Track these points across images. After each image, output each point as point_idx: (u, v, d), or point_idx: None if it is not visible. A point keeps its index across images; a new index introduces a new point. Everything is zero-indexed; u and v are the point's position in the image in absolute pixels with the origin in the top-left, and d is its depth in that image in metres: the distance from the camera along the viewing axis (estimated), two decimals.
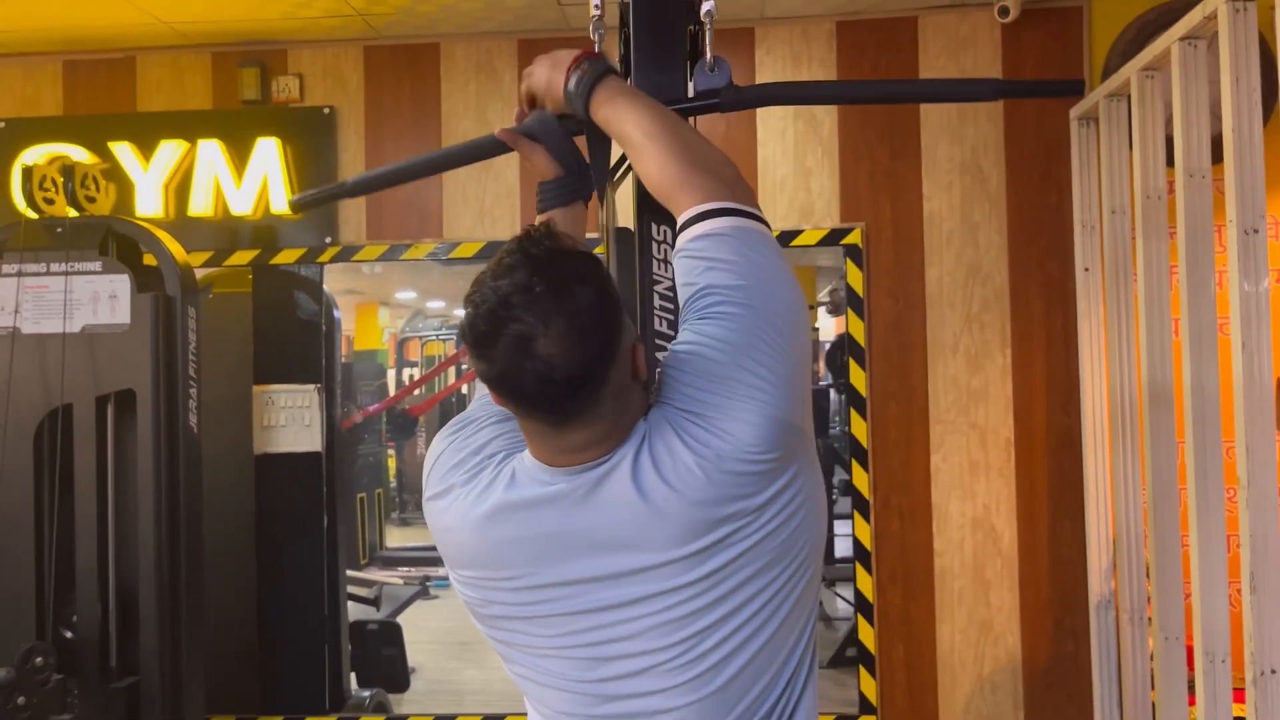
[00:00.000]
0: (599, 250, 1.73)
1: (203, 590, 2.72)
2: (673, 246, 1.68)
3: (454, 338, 3.87)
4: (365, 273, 3.20)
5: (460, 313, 3.52)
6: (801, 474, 1.15)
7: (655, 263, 1.63)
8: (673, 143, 1.26)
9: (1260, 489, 1.97)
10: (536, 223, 1.47)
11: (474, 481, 1.19)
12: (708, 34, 1.54)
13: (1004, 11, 2.92)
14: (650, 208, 1.63)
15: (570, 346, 1.04)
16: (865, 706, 2.99)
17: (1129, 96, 2.56)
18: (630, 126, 1.29)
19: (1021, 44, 3.02)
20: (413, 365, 3.48)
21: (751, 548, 1.11)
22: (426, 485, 1.25)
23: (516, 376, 1.06)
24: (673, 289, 1.63)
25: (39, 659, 2.34)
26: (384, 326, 3.26)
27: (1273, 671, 1.95)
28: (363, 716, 3.11)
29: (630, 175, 1.87)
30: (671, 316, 1.62)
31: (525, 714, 3.09)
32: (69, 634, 2.59)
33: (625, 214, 1.89)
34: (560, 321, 1.04)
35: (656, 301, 1.63)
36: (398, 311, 3.26)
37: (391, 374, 3.28)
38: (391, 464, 3.30)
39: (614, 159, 1.85)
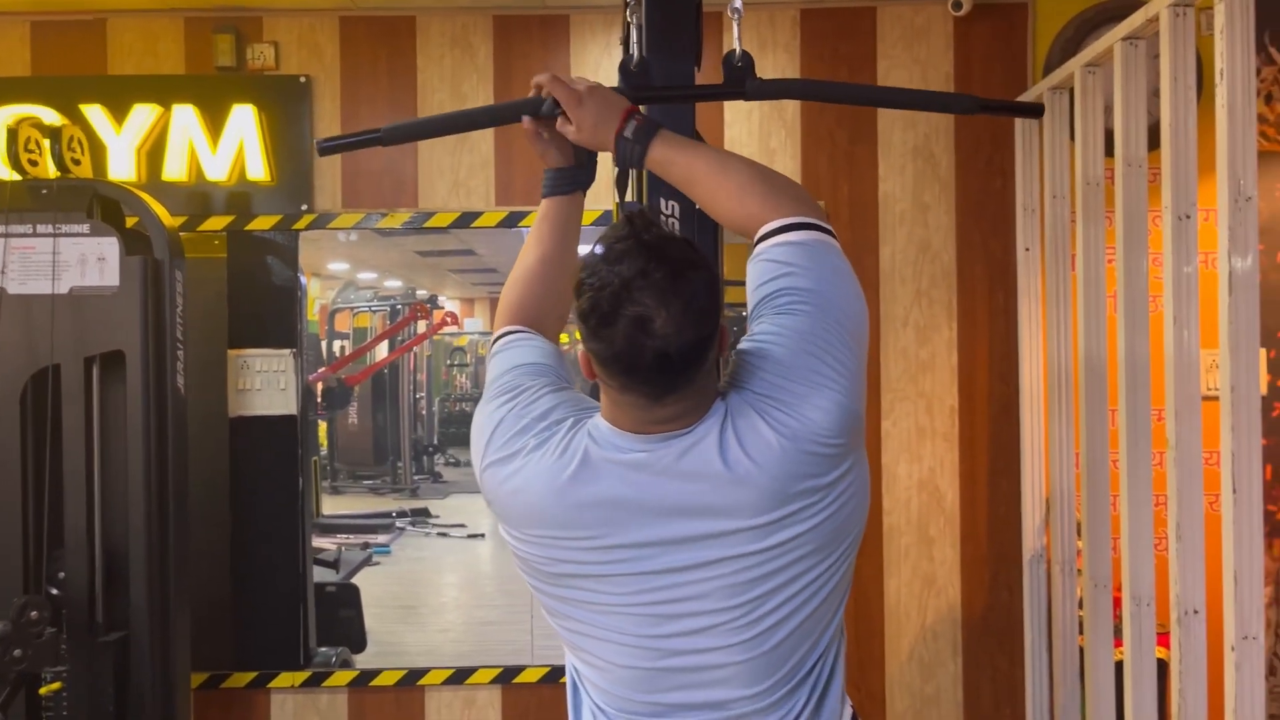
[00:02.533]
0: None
1: (188, 549, 2.78)
2: (680, 221, 1.82)
3: (385, 310, 3.92)
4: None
5: (391, 283, 3.52)
6: (857, 465, 1.28)
7: None
8: (746, 173, 1.39)
9: (1186, 449, 2.19)
10: (542, 205, 1.57)
11: (545, 446, 1.26)
12: (735, 28, 1.67)
13: (957, 5, 3.11)
14: (660, 186, 1.76)
15: (685, 326, 1.14)
16: None
17: (1071, 90, 2.77)
18: (700, 165, 1.41)
19: (971, 36, 3.21)
20: (343, 337, 3.54)
21: (814, 527, 1.23)
22: (485, 452, 1.31)
23: (637, 354, 1.15)
24: None
25: (34, 613, 2.39)
26: (314, 298, 3.31)
27: (1195, 612, 2.19)
28: (338, 672, 3.21)
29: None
30: None
31: (488, 667, 3.22)
32: (55, 591, 2.63)
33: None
34: (678, 304, 1.14)
35: None
36: (328, 283, 3.31)
37: (323, 345, 3.34)
38: (323, 432, 3.37)
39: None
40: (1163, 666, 2.49)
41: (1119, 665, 2.54)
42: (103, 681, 2.61)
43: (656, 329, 1.14)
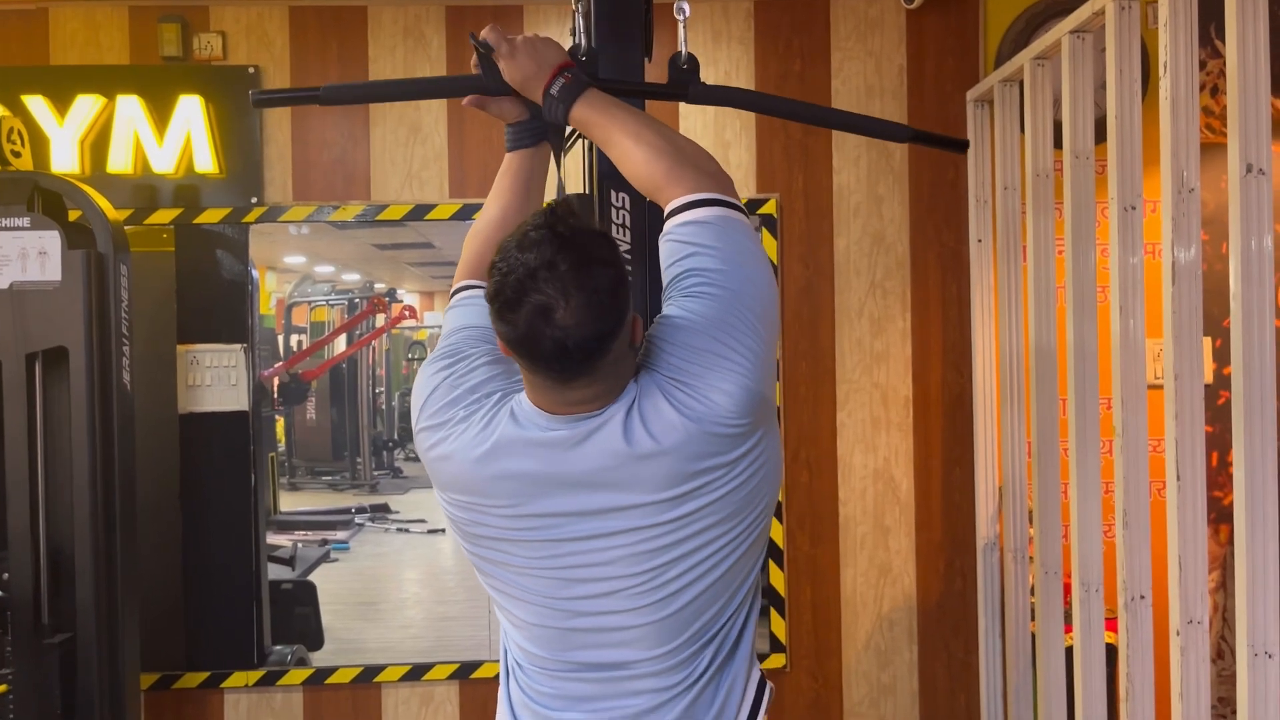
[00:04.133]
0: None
1: (137, 548, 2.74)
2: (630, 213, 1.82)
3: (343, 304, 3.87)
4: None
5: (350, 277, 3.49)
6: (765, 439, 1.32)
7: (614, 228, 1.76)
8: (658, 141, 1.41)
9: (1132, 437, 2.23)
10: (505, 160, 1.59)
11: (471, 418, 1.33)
12: (682, 30, 1.67)
13: None
14: (610, 176, 1.75)
15: (585, 320, 1.18)
16: (776, 645, 3.22)
17: (1021, 82, 2.80)
18: (616, 127, 1.43)
19: (924, 29, 3.23)
20: (301, 331, 3.50)
21: (718, 499, 1.29)
22: (420, 416, 1.38)
23: (535, 341, 1.19)
24: (630, 251, 1.77)
25: None
26: (271, 291, 3.26)
27: (1141, 597, 2.22)
28: (293, 671, 3.17)
29: (580, 144, 1.99)
30: (630, 278, 1.76)
31: (445, 663, 3.29)
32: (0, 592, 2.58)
33: (574, 182, 2.01)
34: (580, 297, 1.18)
35: None
36: (285, 276, 3.27)
37: (280, 339, 3.29)
38: (280, 428, 3.33)
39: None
40: (1112, 651, 2.53)
41: (1069, 650, 2.58)
42: (49, 683, 2.56)
43: (557, 319, 1.18)
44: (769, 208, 3.19)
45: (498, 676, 3.48)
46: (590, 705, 1.37)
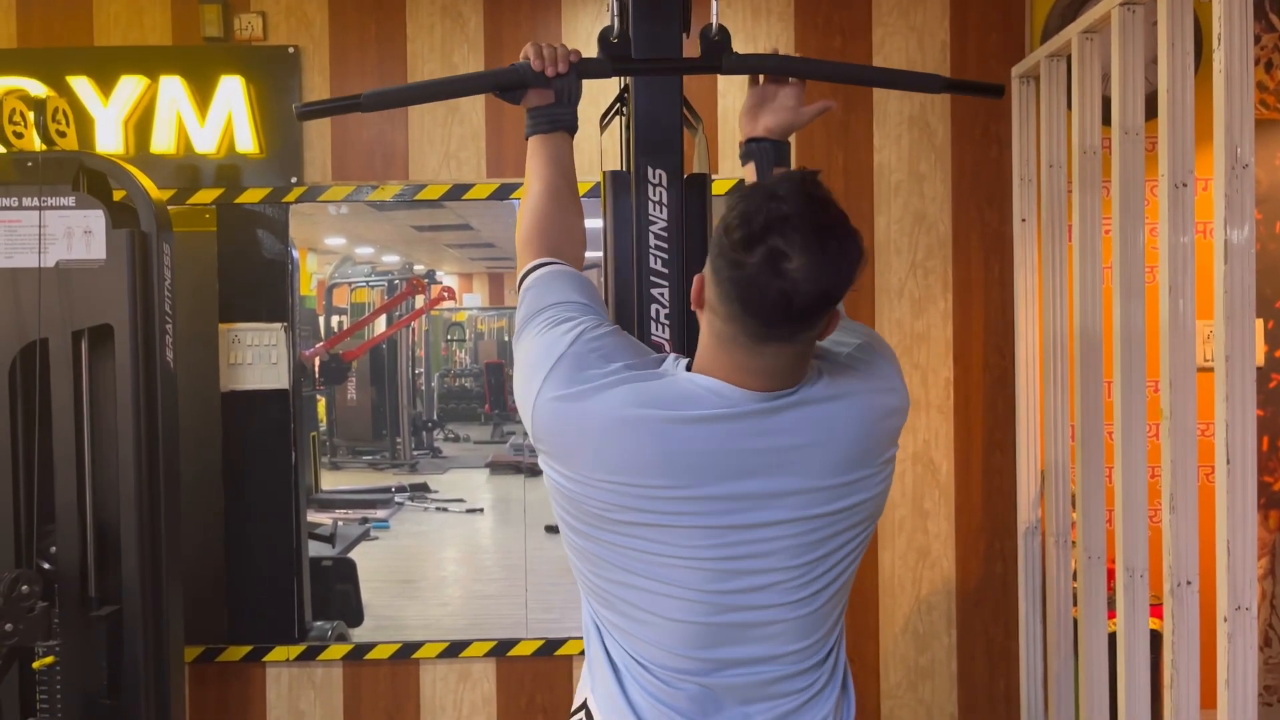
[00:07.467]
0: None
1: (180, 523, 2.78)
2: (667, 189, 1.80)
3: (383, 285, 3.90)
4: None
5: (389, 258, 3.48)
6: (893, 453, 1.37)
7: (651, 204, 1.74)
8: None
9: (1180, 419, 2.18)
10: (529, 145, 1.60)
11: (617, 388, 1.24)
12: (714, 2, 1.65)
13: None
14: (646, 151, 1.74)
15: (815, 280, 1.14)
16: None
17: (1068, 57, 2.73)
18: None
19: (968, 3, 3.17)
20: (341, 312, 3.52)
21: (869, 499, 1.31)
22: (545, 385, 1.26)
23: (762, 286, 1.14)
24: (667, 229, 1.74)
25: (24, 587, 2.38)
26: (312, 273, 3.28)
27: (1188, 582, 2.18)
28: (333, 646, 3.21)
29: (620, 119, 1.97)
30: (665, 255, 1.74)
31: (482, 640, 3.23)
32: (47, 565, 2.63)
33: (611, 159, 1.99)
34: (818, 257, 1.14)
35: (651, 241, 1.75)
36: (325, 258, 3.29)
37: (320, 320, 3.32)
38: (322, 408, 3.35)
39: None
40: (1156, 638, 2.49)
41: (1112, 636, 2.54)
42: (96, 656, 2.61)
43: (789, 270, 1.14)
44: None
45: (534, 654, 3.48)
46: (732, 701, 1.31)
